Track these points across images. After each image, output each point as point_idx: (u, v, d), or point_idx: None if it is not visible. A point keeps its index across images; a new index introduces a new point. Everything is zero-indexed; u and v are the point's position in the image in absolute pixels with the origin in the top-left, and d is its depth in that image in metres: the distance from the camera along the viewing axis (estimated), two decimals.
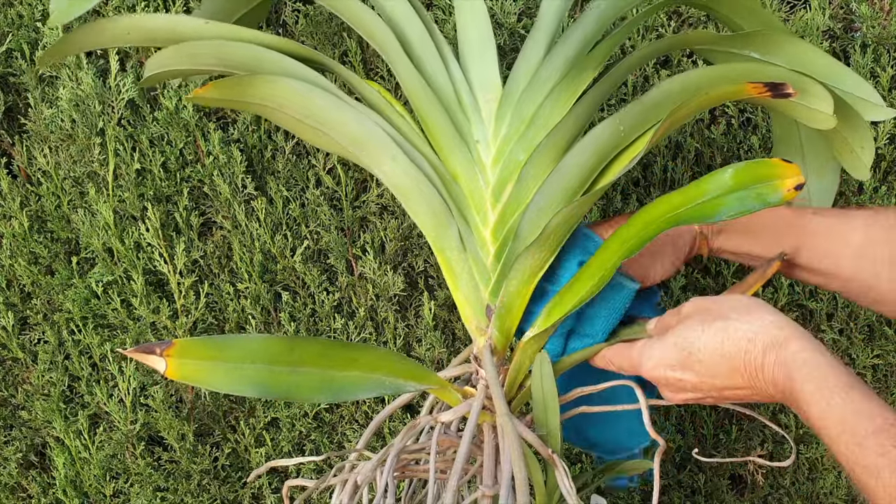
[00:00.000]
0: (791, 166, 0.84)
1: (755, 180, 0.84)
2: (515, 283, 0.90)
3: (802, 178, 0.83)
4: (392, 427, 1.41)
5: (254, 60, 0.94)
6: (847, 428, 0.71)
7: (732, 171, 0.85)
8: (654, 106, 0.92)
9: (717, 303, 0.85)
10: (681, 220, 0.84)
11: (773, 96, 0.86)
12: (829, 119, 0.90)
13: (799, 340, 0.78)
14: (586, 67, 0.95)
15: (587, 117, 0.95)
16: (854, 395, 0.72)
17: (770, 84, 0.86)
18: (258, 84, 0.92)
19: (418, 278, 1.38)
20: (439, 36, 1.01)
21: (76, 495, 1.45)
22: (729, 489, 1.45)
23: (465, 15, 1.02)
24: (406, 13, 1.00)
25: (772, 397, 0.80)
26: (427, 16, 1.02)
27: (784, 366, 0.77)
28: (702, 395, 0.85)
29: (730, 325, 0.81)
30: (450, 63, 1.00)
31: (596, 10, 0.99)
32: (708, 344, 0.82)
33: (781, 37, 0.94)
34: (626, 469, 1.04)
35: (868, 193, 1.30)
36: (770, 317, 0.80)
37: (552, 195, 0.91)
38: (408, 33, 0.99)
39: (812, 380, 0.75)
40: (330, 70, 0.99)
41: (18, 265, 1.39)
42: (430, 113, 0.96)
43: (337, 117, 0.93)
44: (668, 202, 0.86)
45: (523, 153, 0.95)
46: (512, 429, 0.83)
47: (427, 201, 0.92)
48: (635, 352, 0.88)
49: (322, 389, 0.83)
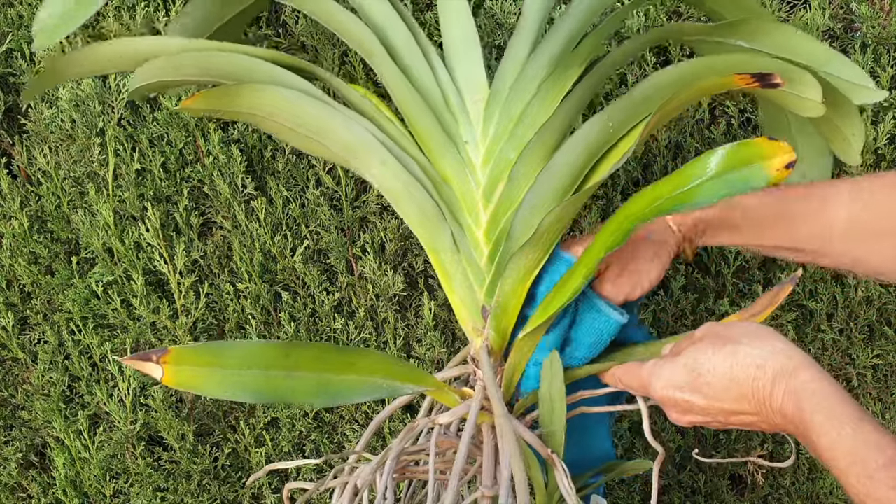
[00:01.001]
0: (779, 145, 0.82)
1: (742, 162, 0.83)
2: (510, 282, 0.90)
3: (793, 156, 0.81)
4: (392, 427, 1.41)
5: (239, 69, 0.94)
6: (858, 459, 0.71)
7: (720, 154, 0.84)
8: (643, 101, 0.91)
9: (729, 328, 0.85)
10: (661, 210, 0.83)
11: (762, 86, 0.85)
12: (818, 106, 0.89)
13: (809, 370, 0.78)
14: (572, 64, 0.95)
15: (576, 114, 0.95)
16: (865, 427, 0.72)
17: (757, 74, 0.85)
18: (246, 93, 0.92)
19: (418, 278, 1.38)
20: (424, 38, 1.01)
21: (76, 495, 1.45)
22: (729, 489, 1.45)
23: (448, 15, 1.02)
24: (390, 17, 1.00)
25: (778, 427, 0.80)
26: (411, 19, 1.02)
27: (794, 395, 0.77)
28: (709, 418, 0.85)
29: (740, 349, 0.81)
30: (435, 65, 0.99)
31: (579, 5, 0.98)
32: (717, 367, 0.82)
33: (768, 24, 0.94)
34: (626, 470, 1.04)
35: None
36: (780, 345, 0.80)
37: (544, 194, 0.91)
38: (392, 38, 1.00)
39: (822, 410, 0.75)
40: (317, 77, 1.00)
41: (18, 265, 1.39)
42: (418, 116, 0.96)
43: (327, 124, 0.93)
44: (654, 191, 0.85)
45: (513, 152, 0.95)
46: (510, 429, 0.83)
47: (418, 204, 0.92)
48: (645, 371, 0.88)
49: (319, 394, 0.84)
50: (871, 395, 1.40)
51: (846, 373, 1.39)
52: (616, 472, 1.04)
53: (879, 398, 1.40)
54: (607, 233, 0.86)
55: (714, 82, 0.89)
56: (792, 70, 0.89)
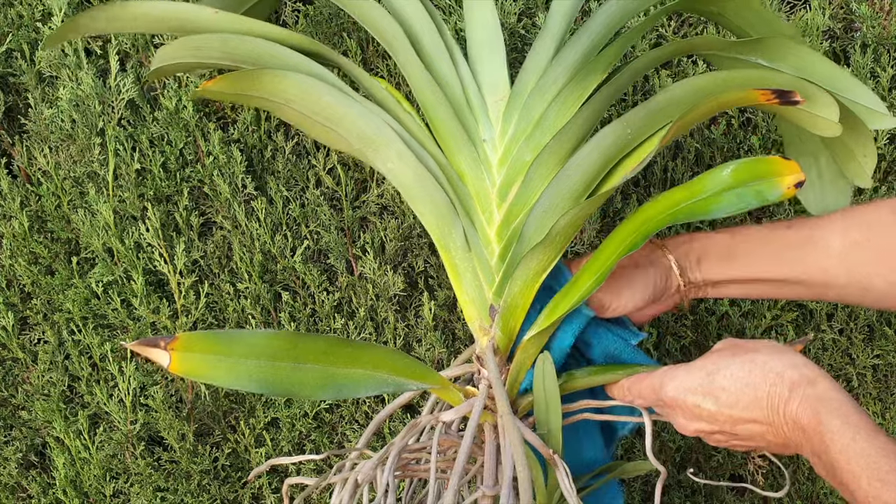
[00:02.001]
0: (790, 163, 0.84)
1: (754, 177, 0.84)
2: (519, 283, 0.90)
3: (802, 176, 0.83)
4: (392, 427, 1.41)
5: (261, 55, 0.94)
6: (871, 463, 0.73)
7: (732, 168, 0.85)
8: (661, 110, 0.92)
9: (749, 342, 0.86)
10: (677, 217, 0.84)
11: (781, 103, 0.86)
12: (835, 126, 0.90)
13: (827, 381, 0.79)
14: (594, 71, 0.95)
15: (594, 120, 0.95)
16: (879, 437, 0.74)
17: (778, 91, 0.86)
18: (266, 79, 0.91)
19: (418, 278, 1.38)
20: (448, 35, 1.01)
21: (76, 495, 1.44)
22: (729, 489, 1.45)
23: (474, 15, 1.03)
24: (416, 10, 1.00)
25: (786, 437, 0.81)
26: (437, 14, 1.02)
27: (811, 402, 0.78)
28: (716, 427, 0.85)
29: (759, 357, 0.82)
30: (459, 63, 1.00)
31: (604, 13, 0.99)
32: (735, 372, 0.82)
33: (787, 44, 0.94)
34: (626, 471, 1.04)
35: (868, 193, 1.30)
36: (800, 360, 0.82)
37: (558, 197, 0.91)
38: (417, 31, 1.00)
39: (839, 416, 0.76)
40: (337, 65, 0.99)
41: (18, 265, 1.39)
42: (438, 111, 0.96)
43: (344, 113, 0.93)
44: (669, 198, 0.87)
45: (530, 154, 0.95)
46: (514, 428, 0.83)
47: (432, 200, 0.92)
48: (657, 377, 0.89)
49: (324, 387, 0.83)
50: (870, 395, 1.40)
51: (846, 373, 1.39)
52: (616, 473, 1.04)
53: (879, 398, 1.40)
54: (619, 238, 0.86)
55: (735, 96, 0.90)
56: (810, 88, 0.90)
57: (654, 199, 0.88)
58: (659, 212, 0.85)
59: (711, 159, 1.35)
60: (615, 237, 0.88)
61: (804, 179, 0.83)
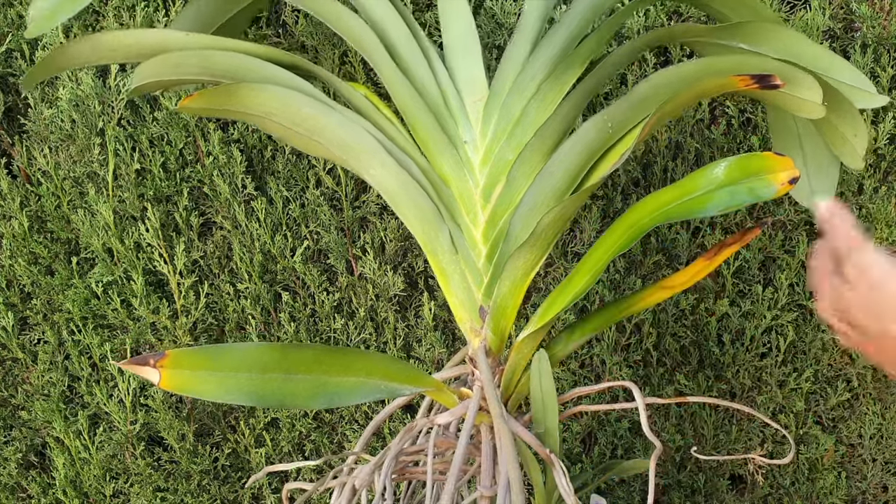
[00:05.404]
0: (783, 159, 0.83)
1: (747, 174, 0.83)
2: (508, 283, 0.90)
3: (796, 172, 0.82)
4: (392, 427, 1.41)
5: (239, 69, 0.94)
6: None
7: (724, 166, 0.84)
8: (641, 102, 0.92)
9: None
10: (670, 216, 0.84)
11: (761, 87, 0.85)
12: (819, 108, 0.89)
13: None
14: (572, 64, 0.95)
15: (575, 115, 0.95)
16: None
17: (757, 76, 0.85)
18: (243, 92, 0.91)
19: (418, 278, 1.38)
20: (424, 38, 1.01)
21: (76, 495, 1.45)
22: (729, 489, 1.45)
23: (448, 15, 1.02)
24: (390, 16, 1.00)
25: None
26: (411, 18, 1.02)
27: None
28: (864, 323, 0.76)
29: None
30: (435, 65, 1.00)
31: (579, 5, 0.98)
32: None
33: (769, 27, 0.93)
34: (625, 469, 1.04)
35: (868, 194, 1.30)
36: None
37: (542, 194, 0.91)
38: (392, 37, 1.00)
39: None
40: (315, 76, 0.99)
41: (18, 265, 1.39)
42: (418, 116, 0.96)
43: (325, 124, 0.93)
44: (658, 199, 0.86)
45: (512, 153, 0.95)
46: (507, 430, 0.83)
47: (417, 205, 0.92)
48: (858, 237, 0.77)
49: (316, 396, 0.83)
50: (870, 395, 1.40)
51: (846, 373, 1.39)
52: (615, 472, 1.04)
53: (879, 398, 1.40)
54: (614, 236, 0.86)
55: (713, 83, 0.89)
56: (792, 71, 0.89)
57: (646, 199, 0.87)
58: (651, 211, 0.85)
59: (711, 159, 1.35)
60: (608, 236, 0.87)
61: (798, 176, 0.82)
